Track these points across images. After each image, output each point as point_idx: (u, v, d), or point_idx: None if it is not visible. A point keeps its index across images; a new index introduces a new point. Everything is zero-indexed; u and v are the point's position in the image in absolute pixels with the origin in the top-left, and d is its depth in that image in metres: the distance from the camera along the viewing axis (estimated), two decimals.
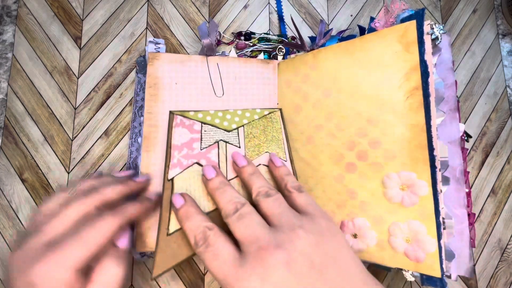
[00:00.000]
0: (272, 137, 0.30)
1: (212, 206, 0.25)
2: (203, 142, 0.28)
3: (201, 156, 0.27)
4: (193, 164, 0.27)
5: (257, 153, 0.28)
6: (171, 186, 0.25)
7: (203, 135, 0.28)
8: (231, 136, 0.29)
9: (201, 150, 0.28)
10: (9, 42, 0.35)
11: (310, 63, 0.30)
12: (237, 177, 0.27)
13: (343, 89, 0.28)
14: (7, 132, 0.33)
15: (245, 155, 0.28)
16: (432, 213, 0.23)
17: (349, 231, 0.26)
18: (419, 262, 0.23)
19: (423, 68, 0.24)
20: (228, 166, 0.27)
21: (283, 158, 0.29)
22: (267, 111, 0.31)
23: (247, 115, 0.30)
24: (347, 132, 0.27)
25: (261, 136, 0.29)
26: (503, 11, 0.40)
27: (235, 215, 0.21)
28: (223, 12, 0.37)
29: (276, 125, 0.31)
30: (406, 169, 0.24)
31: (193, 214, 0.22)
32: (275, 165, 0.26)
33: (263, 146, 0.29)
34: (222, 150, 0.28)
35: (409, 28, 0.25)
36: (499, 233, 0.35)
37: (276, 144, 0.30)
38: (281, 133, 0.30)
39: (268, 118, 0.31)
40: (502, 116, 0.38)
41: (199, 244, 0.20)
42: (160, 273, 0.22)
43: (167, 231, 0.23)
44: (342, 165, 0.27)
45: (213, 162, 0.27)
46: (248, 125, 0.30)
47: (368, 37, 0.27)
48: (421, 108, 0.24)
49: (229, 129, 0.29)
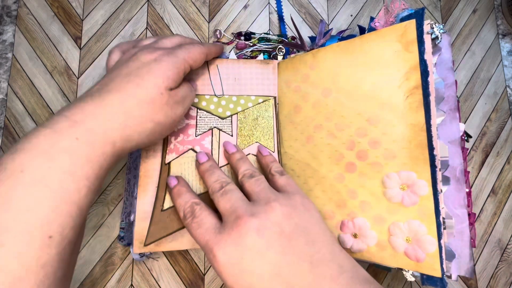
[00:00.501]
0: (263, 127, 0.31)
1: (203, 189, 0.28)
2: (198, 128, 0.30)
3: (196, 142, 0.29)
4: (188, 150, 0.29)
5: (248, 143, 0.30)
6: (167, 170, 0.28)
7: (198, 121, 0.30)
8: (225, 124, 0.30)
9: (196, 136, 0.30)
10: (9, 42, 0.35)
11: (309, 62, 0.30)
12: (228, 164, 0.29)
13: (342, 89, 0.28)
14: (7, 132, 0.33)
15: (237, 144, 0.30)
16: (432, 213, 0.23)
17: (349, 231, 0.26)
18: (419, 262, 0.23)
19: (423, 68, 0.24)
20: (220, 153, 0.30)
21: (271, 148, 0.31)
22: (261, 98, 0.32)
23: (242, 102, 0.31)
24: (347, 132, 0.27)
25: (253, 125, 0.31)
26: (503, 11, 0.40)
27: (219, 192, 0.24)
28: (223, 12, 0.37)
29: (268, 113, 0.32)
30: (406, 168, 0.24)
31: (183, 192, 0.25)
32: (262, 155, 0.29)
33: (253, 136, 0.31)
34: (216, 138, 0.30)
35: (409, 27, 0.25)
36: (499, 233, 0.35)
37: (267, 134, 0.31)
38: (272, 122, 0.31)
39: (262, 107, 0.32)
40: (502, 116, 0.38)
41: (187, 217, 0.23)
42: (152, 241, 0.26)
43: (162, 207, 0.27)
44: (342, 165, 0.27)
45: (206, 149, 0.29)
46: (242, 113, 0.31)
47: (367, 36, 0.27)
48: (421, 107, 0.24)
49: (223, 116, 0.31)
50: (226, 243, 0.20)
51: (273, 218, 0.21)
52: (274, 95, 0.32)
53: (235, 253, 0.20)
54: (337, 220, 0.27)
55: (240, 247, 0.20)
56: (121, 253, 0.32)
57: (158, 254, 0.32)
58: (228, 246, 0.20)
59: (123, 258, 0.32)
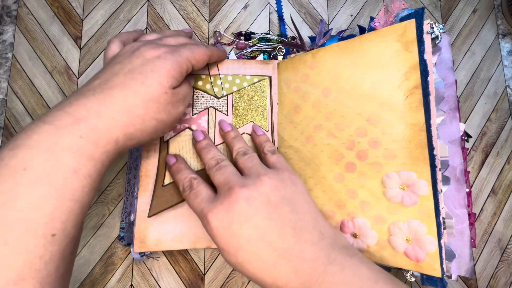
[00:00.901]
0: (258, 107, 0.32)
1: (200, 166, 0.30)
2: (194, 107, 0.31)
3: (192, 121, 0.30)
4: (185, 128, 0.30)
5: (243, 122, 0.31)
6: (166, 147, 0.30)
7: (195, 101, 0.31)
8: (221, 103, 0.31)
9: (193, 115, 0.30)
10: (9, 42, 0.35)
11: (309, 62, 0.30)
12: (223, 143, 0.30)
13: (342, 89, 0.28)
14: (7, 132, 0.33)
15: (232, 123, 0.31)
16: (432, 212, 0.23)
17: (349, 231, 0.26)
18: (419, 262, 0.23)
19: (422, 67, 0.24)
20: (216, 132, 0.30)
21: (265, 128, 0.31)
22: (256, 78, 0.32)
23: (237, 82, 0.32)
24: (347, 131, 0.27)
25: (248, 105, 0.31)
26: (503, 11, 0.40)
27: (215, 167, 0.25)
28: (223, 12, 0.37)
29: (263, 93, 0.32)
30: (406, 168, 0.24)
31: (182, 169, 0.27)
32: (256, 134, 0.30)
33: (248, 115, 0.31)
34: (212, 117, 0.31)
35: (409, 27, 0.25)
36: (499, 233, 0.35)
37: (261, 114, 0.32)
38: (266, 102, 0.32)
39: (257, 87, 0.32)
40: (502, 116, 0.38)
41: (186, 190, 0.25)
42: (155, 213, 0.28)
43: (162, 183, 0.29)
44: (342, 165, 0.27)
45: (203, 128, 0.30)
46: (237, 93, 0.31)
47: (367, 36, 0.27)
48: (420, 107, 0.24)
49: (219, 95, 0.31)
50: (219, 210, 0.22)
51: (261, 190, 0.22)
52: (269, 75, 0.33)
53: (226, 218, 0.21)
54: (337, 220, 0.27)
55: (231, 213, 0.21)
56: (121, 253, 0.32)
57: (158, 254, 0.32)
58: (220, 212, 0.22)
59: (123, 258, 0.32)
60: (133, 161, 0.31)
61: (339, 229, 0.27)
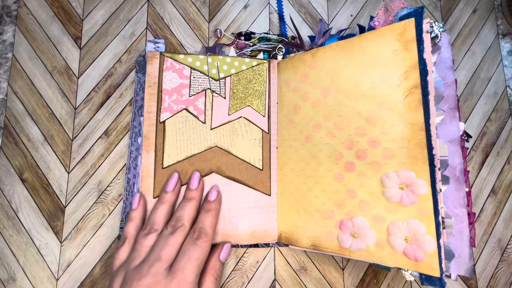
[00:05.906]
0: (256, 90, 0.32)
1: (196, 150, 0.30)
2: (191, 89, 0.30)
3: (189, 102, 0.30)
4: (182, 109, 0.30)
5: (240, 106, 0.31)
6: (163, 128, 0.30)
7: (192, 82, 0.31)
8: (218, 86, 0.31)
9: (190, 96, 0.30)
10: (9, 42, 0.35)
11: (308, 62, 0.30)
12: (221, 125, 0.30)
13: (342, 88, 0.28)
14: (7, 132, 0.33)
15: (229, 106, 0.31)
16: (432, 212, 0.23)
17: (348, 231, 0.26)
18: (418, 261, 0.23)
19: (422, 67, 0.24)
20: (213, 115, 0.30)
21: (263, 112, 0.31)
22: (255, 61, 0.32)
23: (236, 64, 0.32)
24: (346, 131, 0.27)
25: (246, 89, 0.31)
26: (503, 11, 0.40)
27: None
28: (223, 12, 0.37)
29: (261, 78, 0.32)
30: (405, 168, 0.24)
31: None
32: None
33: (246, 99, 0.31)
34: (209, 99, 0.31)
35: (408, 26, 0.25)
36: (499, 233, 0.35)
37: (259, 98, 0.32)
38: (265, 86, 0.32)
39: (256, 70, 0.32)
40: (502, 116, 0.38)
41: None
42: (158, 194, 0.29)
43: (162, 165, 0.29)
44: (341, 165, 0.27)
45: (200, 110, 0.30)
46: (235, 75, 0.31)
47: (366, 35, 0.27)
48: (420, 106, 0.24)
49: (216, 77, 0.31)
50: None
51: None
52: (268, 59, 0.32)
53: None
54: (336, 220, 0.27)
55: None
56: None
57: None
58: None
59: None
60: (133, 161, 0.31)
61: (338, 228, 0.27)
